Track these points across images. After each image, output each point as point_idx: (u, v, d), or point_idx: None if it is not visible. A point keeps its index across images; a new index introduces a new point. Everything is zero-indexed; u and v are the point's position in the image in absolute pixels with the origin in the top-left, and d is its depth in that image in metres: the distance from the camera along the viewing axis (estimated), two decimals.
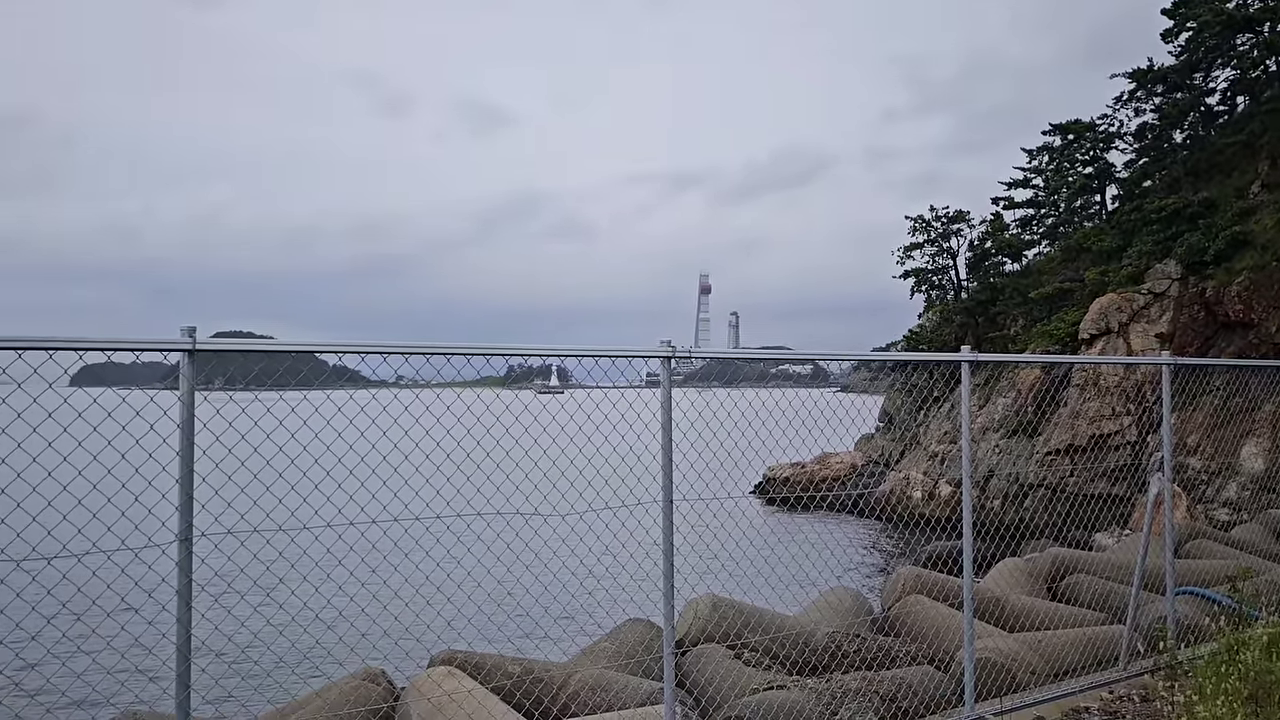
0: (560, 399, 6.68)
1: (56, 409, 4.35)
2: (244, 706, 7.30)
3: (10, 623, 4.51)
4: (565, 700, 7.38)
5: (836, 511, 36.00)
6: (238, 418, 4.69)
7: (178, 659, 4.54)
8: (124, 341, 4.51)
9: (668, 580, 6.08)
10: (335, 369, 10.71)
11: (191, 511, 4.51)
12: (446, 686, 7.16)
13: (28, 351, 4.27)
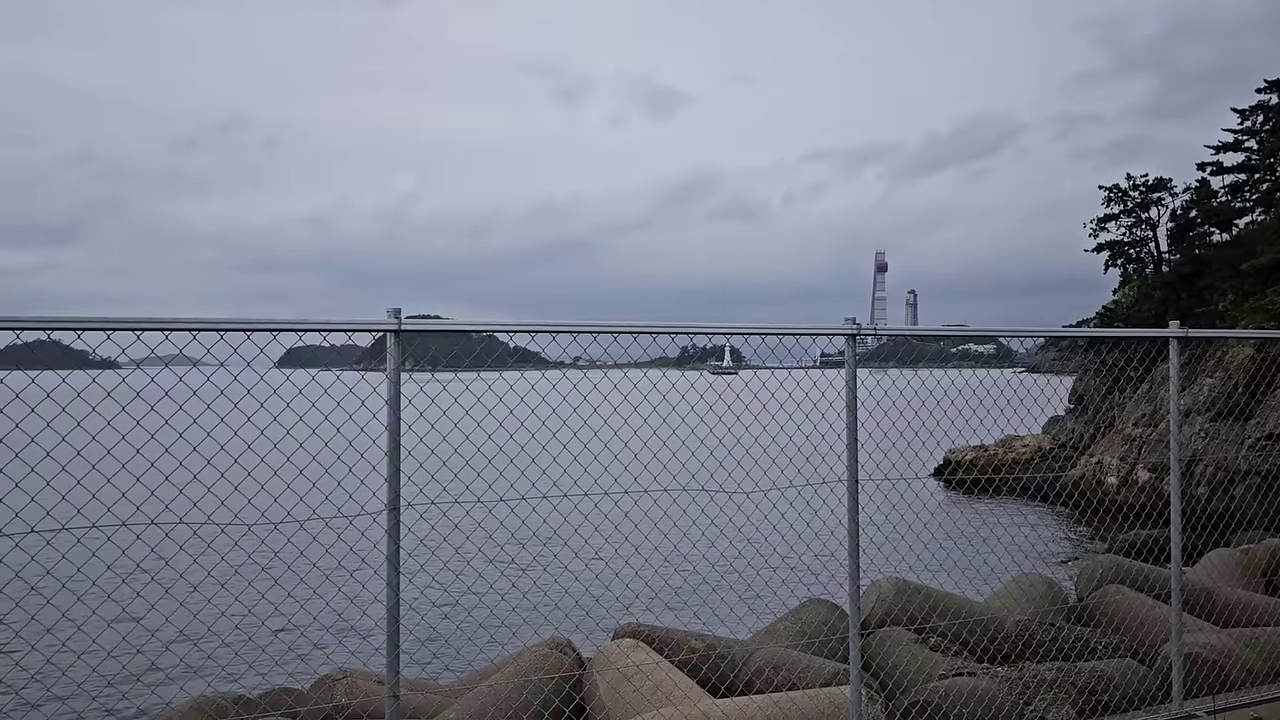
0: (732, 380, 6.68)
1: (280, 385, 4.70)
2: (447, 668, 7.74)
3: (243, 581, 4.93)
4: (750, 677, 7.41)
5: (1021, 497, 34.51)
6: (439, 395, 4.94)
7: (388, 620, 4.84)
8: (338, 323, 4.83)
9: (853, 560, 6.01)
10: (514, 350, 11.06)
11: (399, 483, 4.79)
12: (632, 658, 7.33)
13: (254, 333, 4.63)
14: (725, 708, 6.40)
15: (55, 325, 4.29)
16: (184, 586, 4.63)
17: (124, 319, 4.35)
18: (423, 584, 5.60)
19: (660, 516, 5.81)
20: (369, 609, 6.23)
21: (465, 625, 8.67)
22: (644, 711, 6.59)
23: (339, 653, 8.13)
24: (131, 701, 6.94)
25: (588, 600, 7.77)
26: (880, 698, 7.19)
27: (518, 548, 5.49)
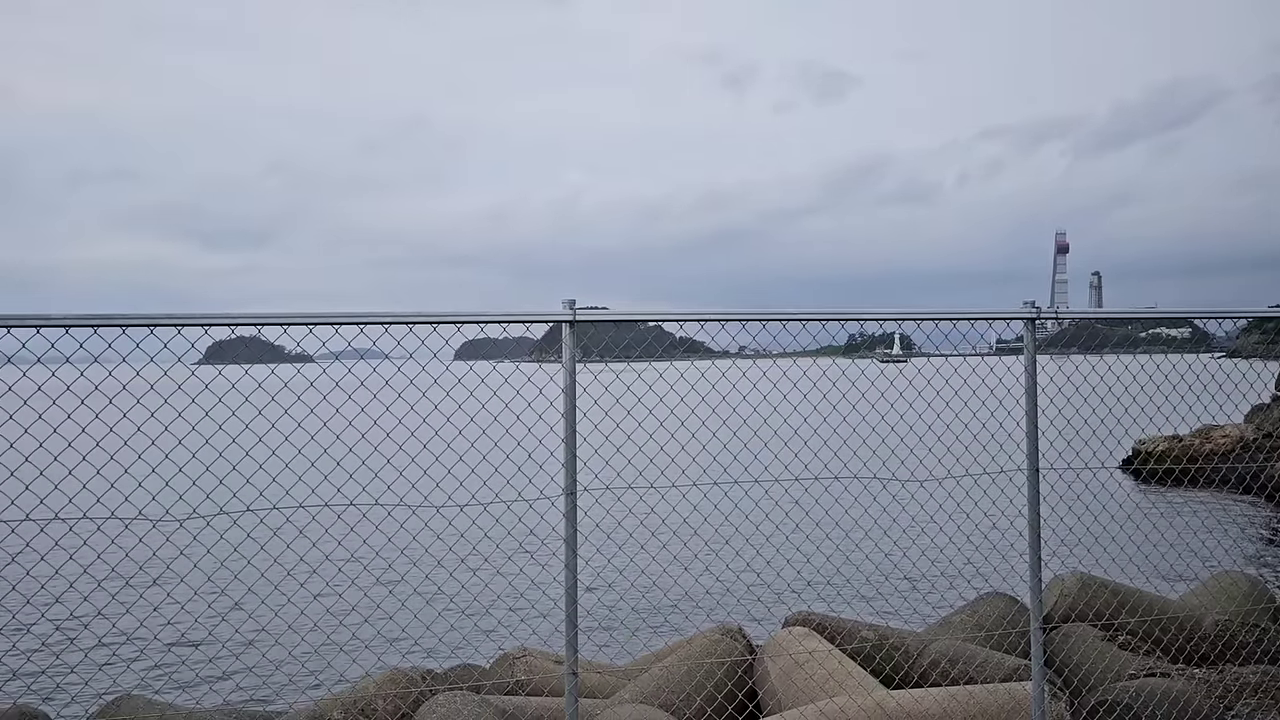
0: (903, 368, 6.55)
1: (464, 375, 4.96)
2: (623, 648, 7.99)
3: (432, 560, 5.23)
4: (926, 668, 7.28)
5: (1220, 490, 32.16)
6: (612, 383, 5.08)
7: (566, 601, 5.04)
8: (517, 314, 5.05)
9: (1034, 553, 5.81)
10: (681, 340, 11.16)
11: (575, 468, 4.97)
12: (803, 646, 7.32)
13: (439, 325, 4.89)
14: (901, 699, 6.32)
15: (264, 321, 4.65)
16: (380, 564, 4.95)
17: (323, 314, 4.69)
18: (599, 567, 5.79)
19: (831, 504, 5.80)
20: (548, 590, 6.48)
21: (640, 608, 8.90)
22: (816, 699, 6.59)
23: (521, 631, 8.50)
24: (335, 669, 7.49)
25: (759, 587, 7.80)
26: (1064, 695, 6.93)
27: (690, 533, 5.59)
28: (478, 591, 5.87)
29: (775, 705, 6.95)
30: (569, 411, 5.03)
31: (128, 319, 4.41)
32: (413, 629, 7.49)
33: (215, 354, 5.20)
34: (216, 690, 8.16)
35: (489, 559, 5.27)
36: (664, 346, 5.90)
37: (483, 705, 6.88)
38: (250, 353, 5.23)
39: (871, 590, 11.36)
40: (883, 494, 5.73)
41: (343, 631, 6.97)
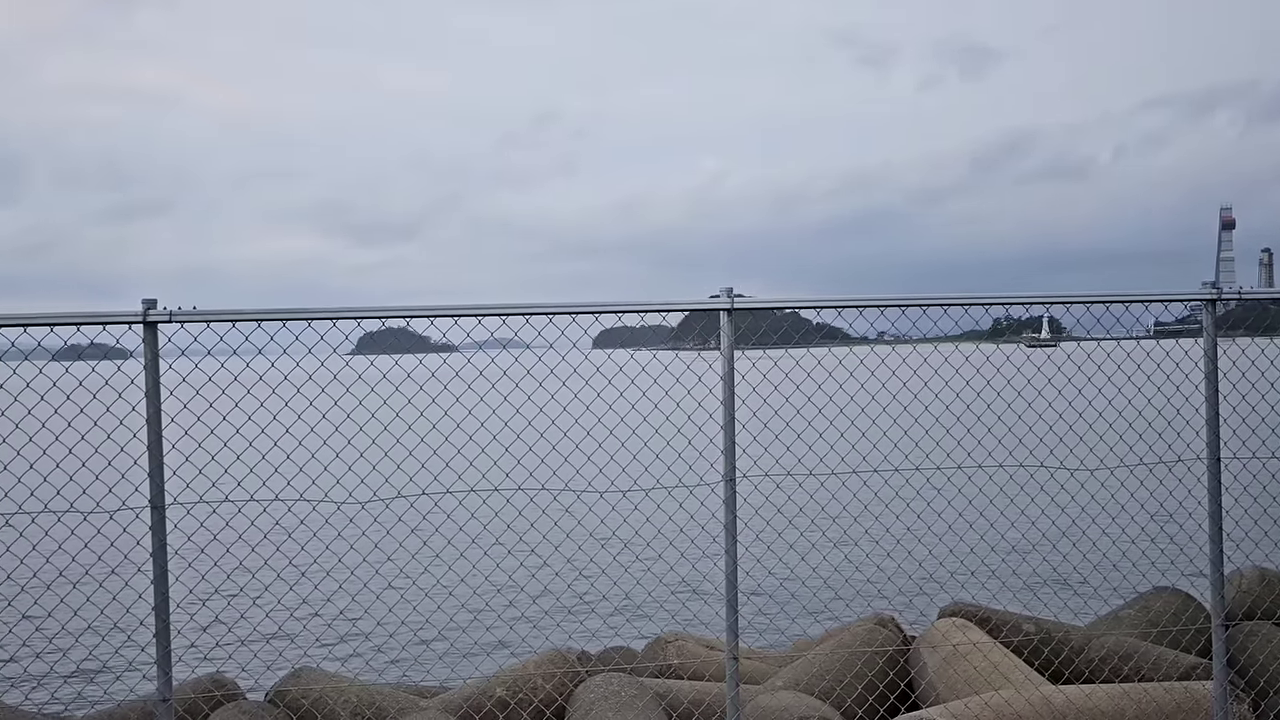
0: (1052, 353, 6.31)
1: (601, 364, 5.05)
2: (782, 634, 8.02)
3: (596, 544, 5.36)
4: (1097, 663, 7.02)
5: None
6: (771, 370, 5.09)
7: (726, 586, 5.09)
8: (676, 303, 5.10)
9: (1215, 546, 5.53)
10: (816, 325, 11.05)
11: (735, 455, 5.00)
12: (959, 638, 7.16)
13: (579, 315, 4.98)
14: (1070, 693, 6.12)
15: (413, 314, 4.86)
16: (546, 547, 5.11)
17: (468, 306, 4.86)
18: (759, 553, 5.82)
19: (996, 494, 5.65)
20: (699, 576, 6.55)
21: (792, 595, 8.87)
22: (976, 692, 6.44)
23: (683, 615, 8.63)
24: (495, 637, 7.77)
25: (910, 576, 7.67)
26: (1248, 697, 6.56)
27: (850, 520, 5.56)
28: (640, 575, 5.97)
29: (935, 697, 6.83)
30: (728, 398, 5.06)
31: (289, 313, 4.70)
32: (579, 610, 7.68)
33: (367, 345, 5.46)
34: (371, 665, 8.58)
35: (651, 544, 5.35)
36: (801, 332, 5.86)
37: (639, 687, 7.00)
38: (399, 344, 5.46)
39: (1019, 582, 11.01)
40: (1030, 483, 5.54)
41: (506, 612, 7.21)
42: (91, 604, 4.70)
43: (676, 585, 9.37)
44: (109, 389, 4.69)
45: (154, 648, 4.57)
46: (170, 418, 4.53)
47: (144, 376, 4.54)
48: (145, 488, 4.47)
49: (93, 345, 4.77)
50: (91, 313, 4.57)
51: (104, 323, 4.58)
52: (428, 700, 7.10)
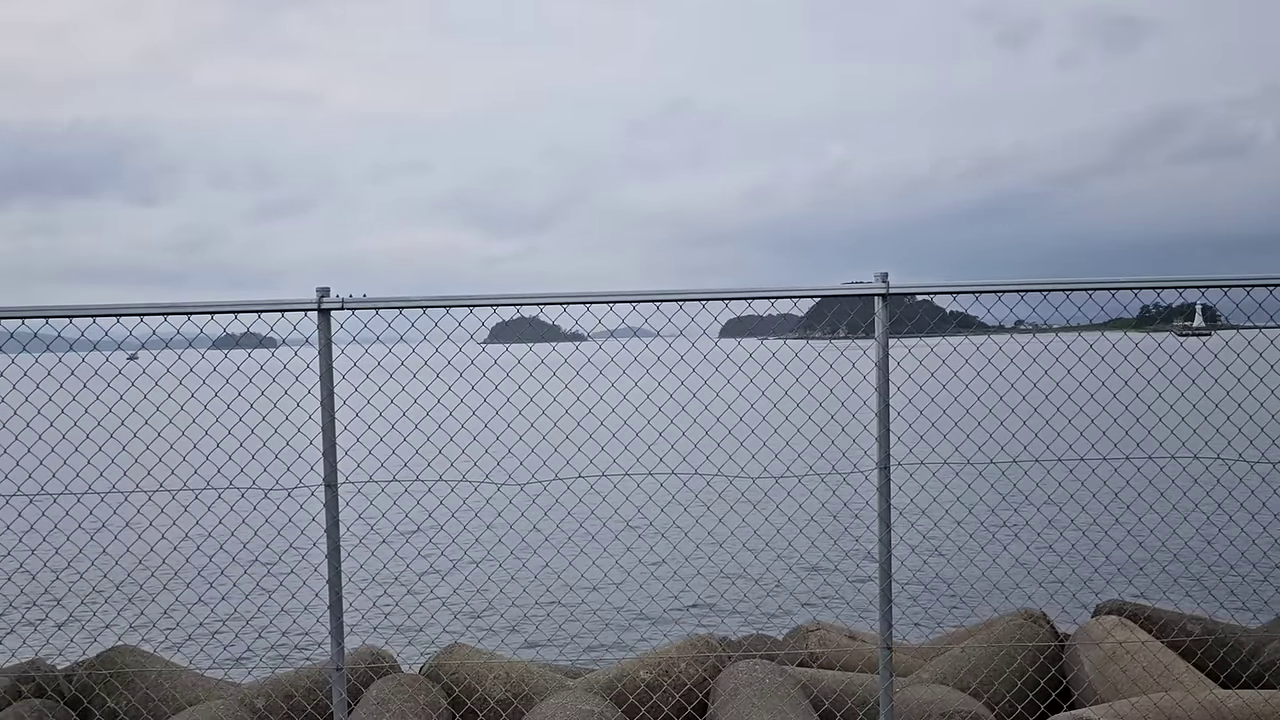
0: (1206, 341, 5.96)
1: (731, 351, 5.03)
2: (939, 625, 7.90)
3: (748, 529, 5.37)
4: (1271, 669, 6.64)
5: None
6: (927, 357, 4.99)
7: (880, 575, 5.02)
8: (827, 288, 5.06)
9: None
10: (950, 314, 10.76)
11: (889, 443, 4.93)
12: (1121, 636, 6.89)
13: (708, 302, 4.97)
14: (1247, 697, 5.81)
15: (546, 301, 4.95)
16: (699, 532, 5.15)
17: (592, 294, 4.91)
18: (914, 542, 5.72)
19: (1145, 487, 5.40)
20: (843, 564, 6.48)
21: (936, 586, 8.71)
22: (1135, 694, 6.18)
23: (821, 604, 8.57)
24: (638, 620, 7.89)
25: (1061, 571, 7.40)
26: None
27: (1010, 511, 5.40)
28: (793, 561, 5.95)
29: (1095, 698, 6.59)
30: (882, 385, 4.98)
31: (453, 300, 4.86)
32: (731, 595, 7.72)
33: (500, 333, 5.59)
34: (521, 644, 8.82)
35: (803, 530, 5.33)
36: (934, 320, 5.71)
37: (782, 674, 6.99)
38: (532, 332, 5.57)
39: (1169, 579, 10.49)
40: (1182, 476, 5.26)
41: (647, 596, 7.30)
42: (272, 575, 4.98)
43: (810, 573, 9.31)
44: (285, 374, 4.94)
45: (328, 618, 4.81)
46: (343, 400, 4.75)
47: (318, 361, 4.77)
48: (320, 467, 4.70)
49: (247, 334, 5.04)
50: (271, 301, 4.82)
51: (283, 310, 4.83)
52: (574, 680, 7.26)
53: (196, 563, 5.15)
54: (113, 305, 4.79)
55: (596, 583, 6.19)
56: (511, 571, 7.37)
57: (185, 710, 6.48)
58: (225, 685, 7.23)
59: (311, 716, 6.52)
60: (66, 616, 8.57)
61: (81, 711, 6.77)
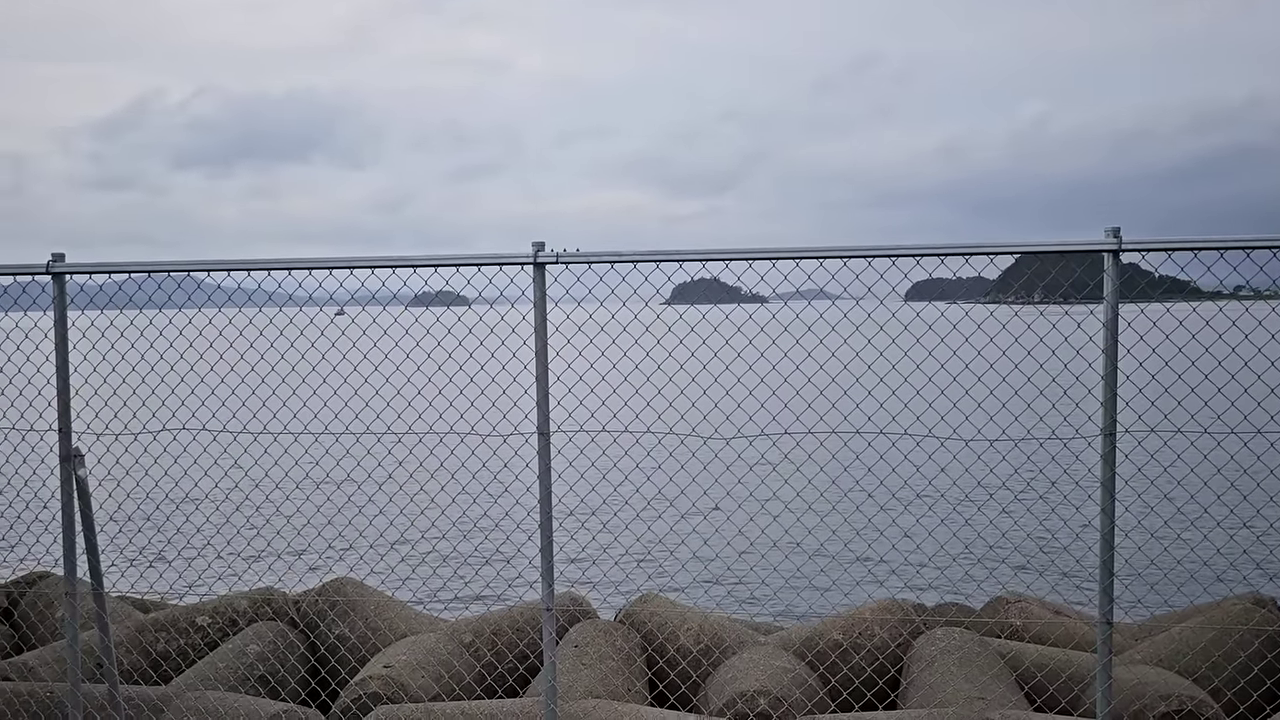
0: None
1: (911, 321, 4.83)
2: (1166, 602, 7.48)
3: (959, 492, 5.21)
4: None
5: None
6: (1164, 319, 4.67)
7: (1102, 547, 4.78)
8: (1054, 244, 4.79)
9: None
10: (1159, 278, 10.01)
11: (1115, 407, 4.66)
12: None
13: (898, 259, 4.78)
14: None
15: (730, 257, 4.90)
16: (907, 494, 5.04)
17: (774, 249, 4.83)
18: (1139, 512, 5.42)
19: None
20: (1083, 532, 6.19)
21: (1164, 563, 8.21)
22: None
23: (1033, 574, 8.27)
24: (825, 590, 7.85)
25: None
26: None
27: (1251, 485, 5.02)
28: (1007, 528, 5.75)
29: None
30: (1109, 347, 4.70)
31: (665, 255, 4.90)
32: (942, 561, 7.57)
33: (682, 294, 5.58)
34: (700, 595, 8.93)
35: (1018, 496, 5.13)
36: (1143, 283, 5.30)
37: (982, 644, 6.80)
38: (710, 294, 5.53)
39: None
40: None
41: (840, 556, 7.24)
42: (488, 518, 5.21)
43: (1004, 543, 8.97)
44: (479, 327, 5.14)
45: (539, 560, 5.00)
46: (555, 352, 4.90)
47: (533, 313, 4.93)
48: (534, 416, 4.88)
49: (442, 292, 5.27)
50: (490, 254, 5.01)
51: (500, 263, 5.01)
52: (766, 637, 7.32)
53: (418, 503, 5.46)
54: (345, 258, 5.10)
55: (791, 541, 6.17)
56: (708, 526, 7.44)
57: (402, 641, 6.93)
58: (436, 619, 7.69)
59: (517, 652, 6.85)
60: (292, 552, 9.29)
61: (307, 633, 7.35)
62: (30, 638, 7.48)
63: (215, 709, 5.71)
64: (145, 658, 6.90)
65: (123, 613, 7.49)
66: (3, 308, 5.70)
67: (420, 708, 5.79)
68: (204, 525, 6.74)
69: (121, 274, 5.32)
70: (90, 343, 5.18)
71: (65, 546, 5.25)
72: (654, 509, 5.29)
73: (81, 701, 5.27)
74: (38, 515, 6.55)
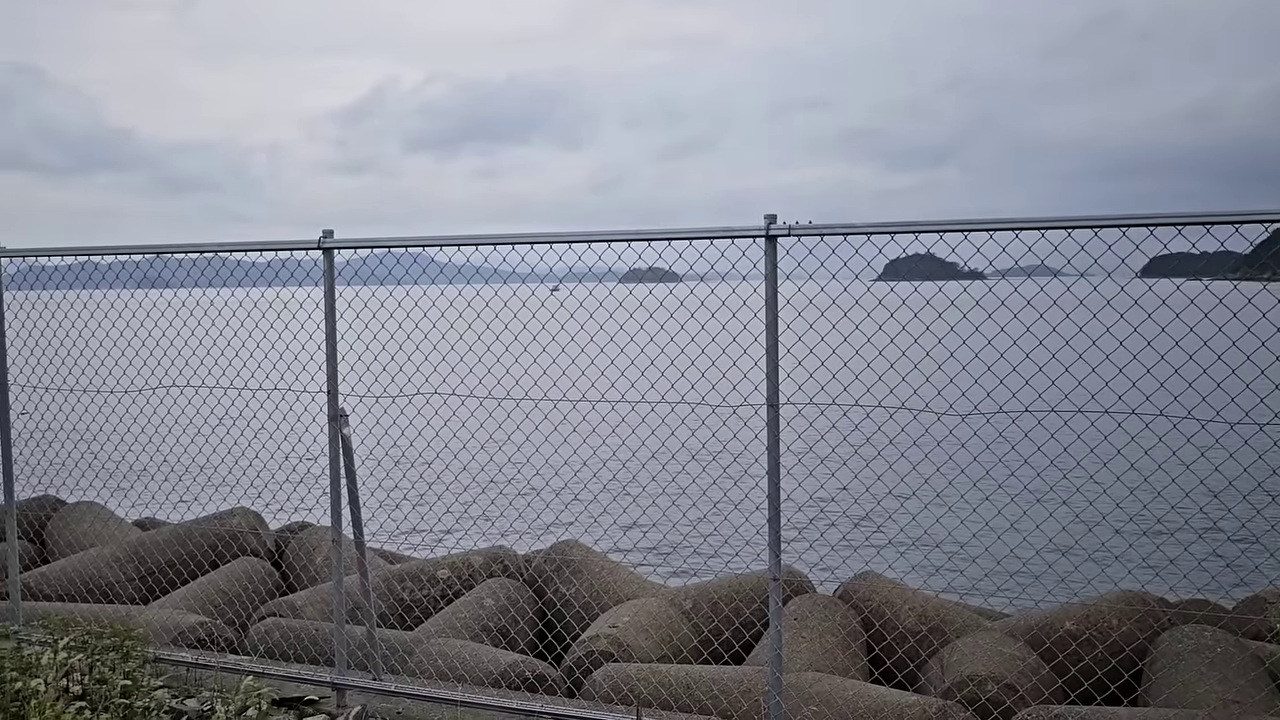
0: None
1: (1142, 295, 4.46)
2: None
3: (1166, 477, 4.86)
4: None
5: None
6: None
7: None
8: None
9: None
10: None
11: None
12: None
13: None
14: None
15: (962, 228, 4.70)
16: (1133, 477, 4.74)
17: (994, 219, 4.57)
18: None
19: None
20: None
21: None
22: None
23: None
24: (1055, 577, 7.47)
25: None
26: None
27: None
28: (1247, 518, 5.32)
29: None
30: None
31: (873, 227, 4.81)
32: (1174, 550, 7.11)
33: (890, 272, 5.40)
34: (931, 580, 8.67)
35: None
36: None
37: (1236, 645, 6.32)
38: (924, 269, 5.32)
39: None
40: None
41: (1078, 543, 6.87)
42: (717, 486, 5.31)
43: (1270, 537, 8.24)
44: (713, 300, 5.21)
45: (766, 531, 5.05)
46: (786, 324, 4.91)
47: (764, 286, 4.95)
48: (763, 388, 4.92)
49: (650, 269, 5.37)
50: (723, 227, 5.08)
51: (732, 235, 5.07)
52: (992, 622, 7.08)
53: (650, 468, 5.63)
54: (577, 233, 5.31)
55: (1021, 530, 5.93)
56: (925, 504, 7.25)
57: (626, 604, 7.18)
58: (657, 585, 7.91)
59: (743, 619, 6.95)
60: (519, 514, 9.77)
61: (537, 590, 7.74)
62: (294, 579, 8.27)
63: (460, 655, 6.13)
64: (393, 605, 7.48)
65: (372, 562, 8.15)
66: (278, 281, 6.30)
67: (647, 668, 5.99)
68: (448, 485, 7.21)
69: (382, 249, 5.75)
70: (355, 313, 5.64)
71: (332, 498, 5.77)
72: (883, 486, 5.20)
73: (346, 640, 5.78)
74: (308, 469, 7.21)
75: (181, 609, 7.21)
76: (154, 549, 8.22)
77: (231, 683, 5.69)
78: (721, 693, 5.67)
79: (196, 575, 7.86)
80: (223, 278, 6.73)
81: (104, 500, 9.78)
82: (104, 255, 6.73)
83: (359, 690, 5.68)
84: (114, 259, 6.85)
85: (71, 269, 7.23)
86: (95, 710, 4.61)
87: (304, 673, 5.86)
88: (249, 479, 7.64)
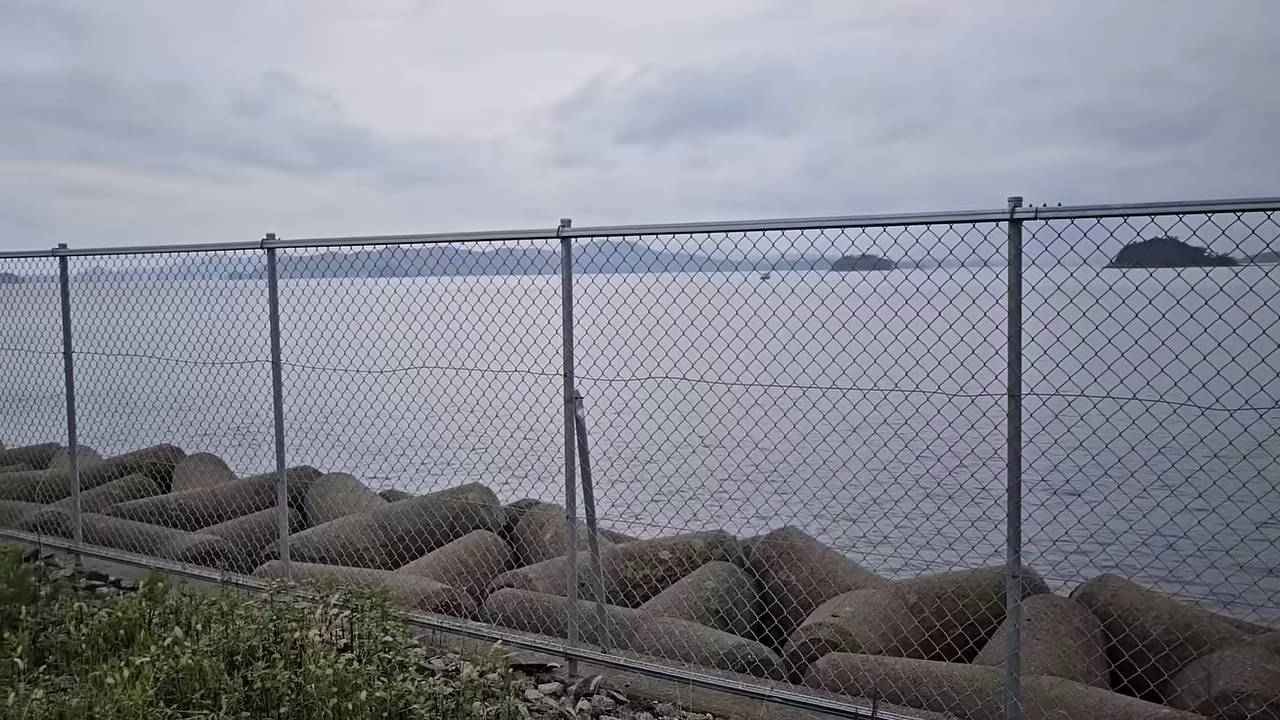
0: None
1: None
2: None
3: None
4: None
5: None
6: None
7: None
8: None
9: None
10: None
11: None
12: None
13: None
14: None
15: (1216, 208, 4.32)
16: None
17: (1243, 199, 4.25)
18: None
19: None
20: None
21: None
22: None
23: None
24: None
25: None
26: None
27: None
28: None
29: None
30: None
31: (1126, 209, 4.52)
32: None
33: (1125, 257, 5.01)
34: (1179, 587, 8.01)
35: None
36: None
37: None
38: (1165, 255, 4.91)
39: None
40: None
41: None
42: (952, 478, 5.16)
43: None
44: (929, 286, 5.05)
45: (1005, 525, 4.87)
46: (1030, 312, 4.72)
47: (1007, 272, 4.77)
48: (1004, 377, 4.74)
49: (864, 257, 5.24)
50: (964, 211, 4.92)
51: (974, 220, 4.91)
52: (1253, 636, 6.51)
53: (883, 457, 5.54)
54: (804, 219, 5.29)
55: None
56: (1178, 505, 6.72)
57: (848, 594, 7.10)
58: (878, 577, 7.78)
59: (974, 616, 6.74)
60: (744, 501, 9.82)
61: (760, 576, 7.78)
62: (524, 554, 8.68)
63: (687, 634, 6.26)
64: (619, 583, 7.72)
65: (599, 541, 8.44)
66: (519, 270, 6.62)
67: (874, 659, 5.91)
68: (677, 468, 7.35)
69: (618, 236, 5.93)
70: (590, 298, 5.85)
71: (567, 476, 6.01)
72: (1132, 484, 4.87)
73: (577, 612, 6.03)
74: (545, 448, 7.53)
75: (426, 575, 7.72)
76: (398, 519, 8.85)
77: (471, 646, 6.06)
78: (953, 689, 5.51)
79: (434, 545, 8.40)
80: (455, 266, 7.16)
81: (351, 470, 10.62)
82: (361, 245, 7.29)
83: (589, 661, 5.91)
84: (359, 249, 7.44)
85: (323, 258, 7.89)
86: (361, 661, 5.04)
87: (539, 641, 6.15)
88: (479, 456, 8.04)
